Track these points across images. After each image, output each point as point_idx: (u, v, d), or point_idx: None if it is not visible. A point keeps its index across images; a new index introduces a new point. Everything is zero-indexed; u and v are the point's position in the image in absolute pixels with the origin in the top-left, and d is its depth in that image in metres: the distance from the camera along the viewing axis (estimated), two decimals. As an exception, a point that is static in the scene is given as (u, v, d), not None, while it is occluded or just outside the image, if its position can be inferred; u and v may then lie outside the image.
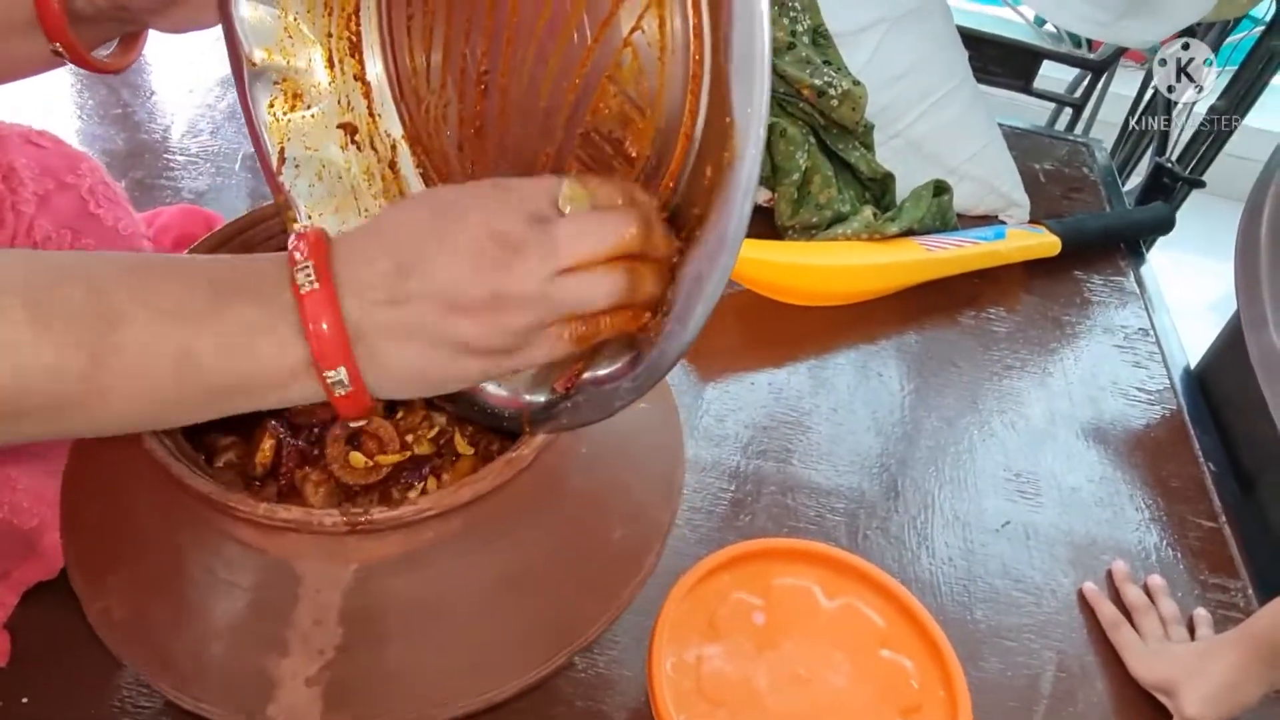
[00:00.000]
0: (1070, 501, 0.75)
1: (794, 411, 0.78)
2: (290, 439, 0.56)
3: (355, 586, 0.42)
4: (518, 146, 0.45)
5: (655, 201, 0.38)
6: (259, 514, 0.40)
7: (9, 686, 0.54)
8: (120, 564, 0.45)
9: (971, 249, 0.89)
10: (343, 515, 0.40)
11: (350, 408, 0.36)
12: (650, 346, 0.38)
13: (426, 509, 0.41)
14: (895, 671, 0.54)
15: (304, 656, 0.41)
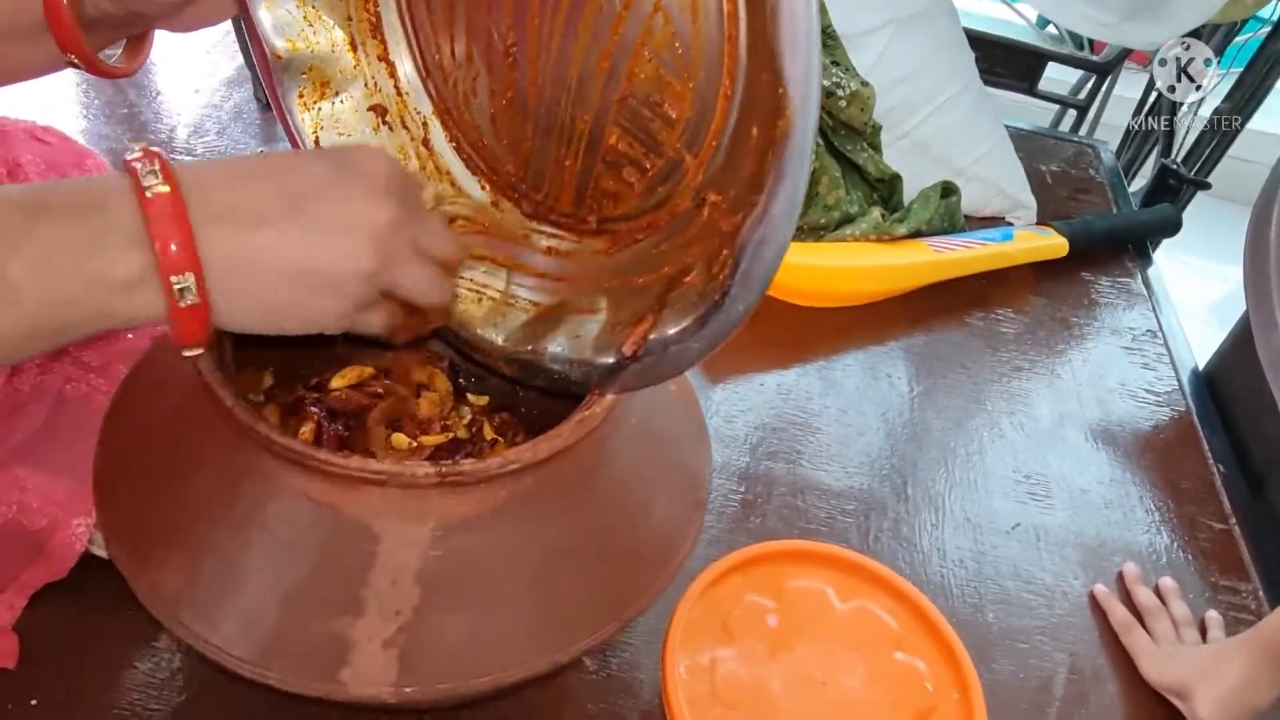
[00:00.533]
0: (1080, 503, 0.74)
1: (803, 413, 0.78)
2: (329, 423, 0.56)
3: (432, 546, 0.42)
4: (552, 115, 0.45)
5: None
6: (350, 467, 0.39)
7: (17, 689, 0.53)
8: (169, 535, 0.44)
9: (980, 250, 0.89)
10: (434, 466, 0.40)
11: (189, 327, 0.35)
12: (717, 307, 0.39)
13: (512, 461, 0.41)
14: (909, 674, 0.54)
15: (380, 617, 0.41)
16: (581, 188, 0.48)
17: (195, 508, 0.44)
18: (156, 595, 0.43)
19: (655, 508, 0.48)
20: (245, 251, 0.34)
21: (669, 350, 0.42)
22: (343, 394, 0.57)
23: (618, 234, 0.48)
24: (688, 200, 0.43)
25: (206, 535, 0.43)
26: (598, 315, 0.47)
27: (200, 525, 0.43)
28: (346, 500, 0.41)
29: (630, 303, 0.45)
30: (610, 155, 0.45)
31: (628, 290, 0.46)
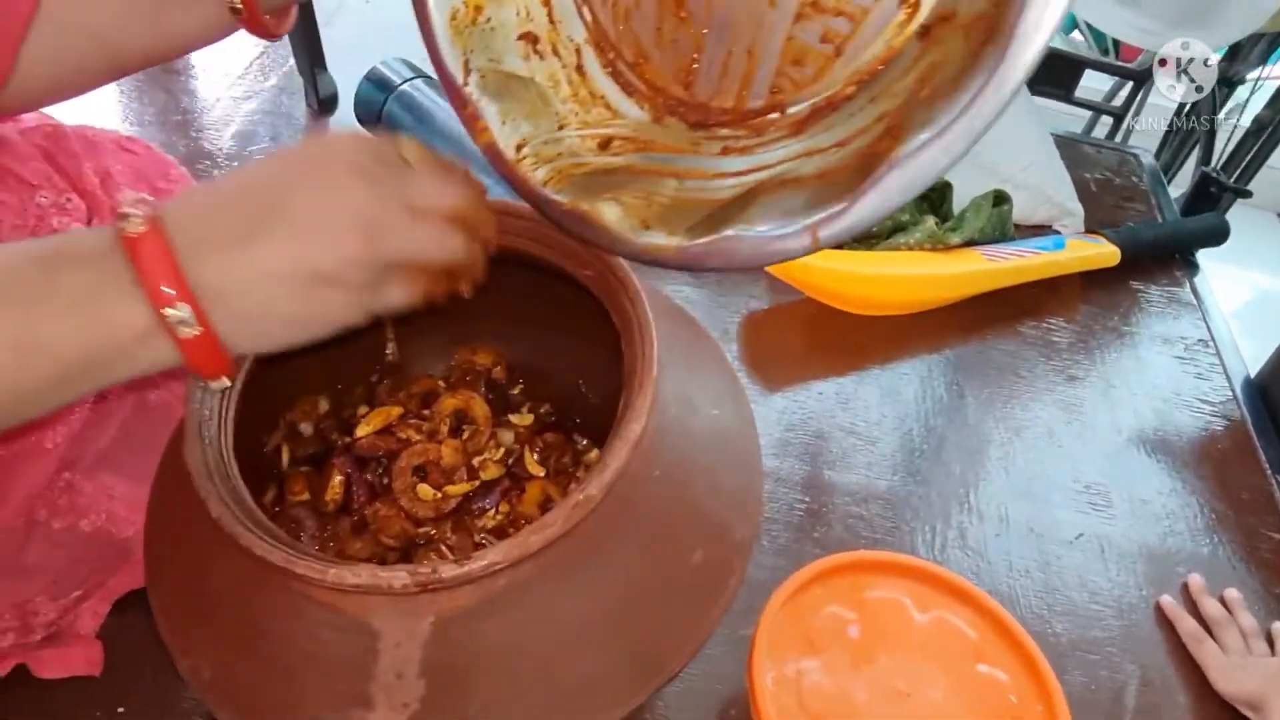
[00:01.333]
0: (1141, 513, 0.74)
1: (863, 421, 0.78)
2: (358, 473, 0.56)
3: (433, 638, 0.42)
4: (728, 13, 0.43)
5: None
6: (328, 580, 0.39)
7: (104, 696, 0.54)
8: (203, 623, 0.45)
9: (1033, 259, 0.89)
10: (411, 577, 0.39)
11: (204, 359, 0.35)
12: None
13: (496, 562, 0.40)
14: (992, 686, 0.54)
15: (389, 710, 0.41)
16: (762, 76, 0.45)
17: (219, 599, 0.45)
18: (198, 680, 0.44)
19: (689, 560, 0.46)
20: (235, 272, 0.34)
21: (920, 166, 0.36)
22: (369, 441, 0.58)
23: (810, 113, 0.44)
24: (904, 38, 0.40)
25: (231, 628, 0.44)
26: (799, 190, 0.42)
27: (224, 617, 0.44)
28: (343, 601, 0.42)
29: (839, 161, 0.40)
30: (803, 24, 0.42)
31: (831, 155, 0.41)
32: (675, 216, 0.45)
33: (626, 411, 0.45)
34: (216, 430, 0.46)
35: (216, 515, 0.41)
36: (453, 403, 0.60)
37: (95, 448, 0.55)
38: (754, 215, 0.41)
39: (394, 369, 0.64)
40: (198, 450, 0.44)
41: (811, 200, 0.40)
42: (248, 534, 0.40)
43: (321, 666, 0.42)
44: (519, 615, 0.42)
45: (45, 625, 0.53)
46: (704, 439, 0.51)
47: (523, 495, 0.58)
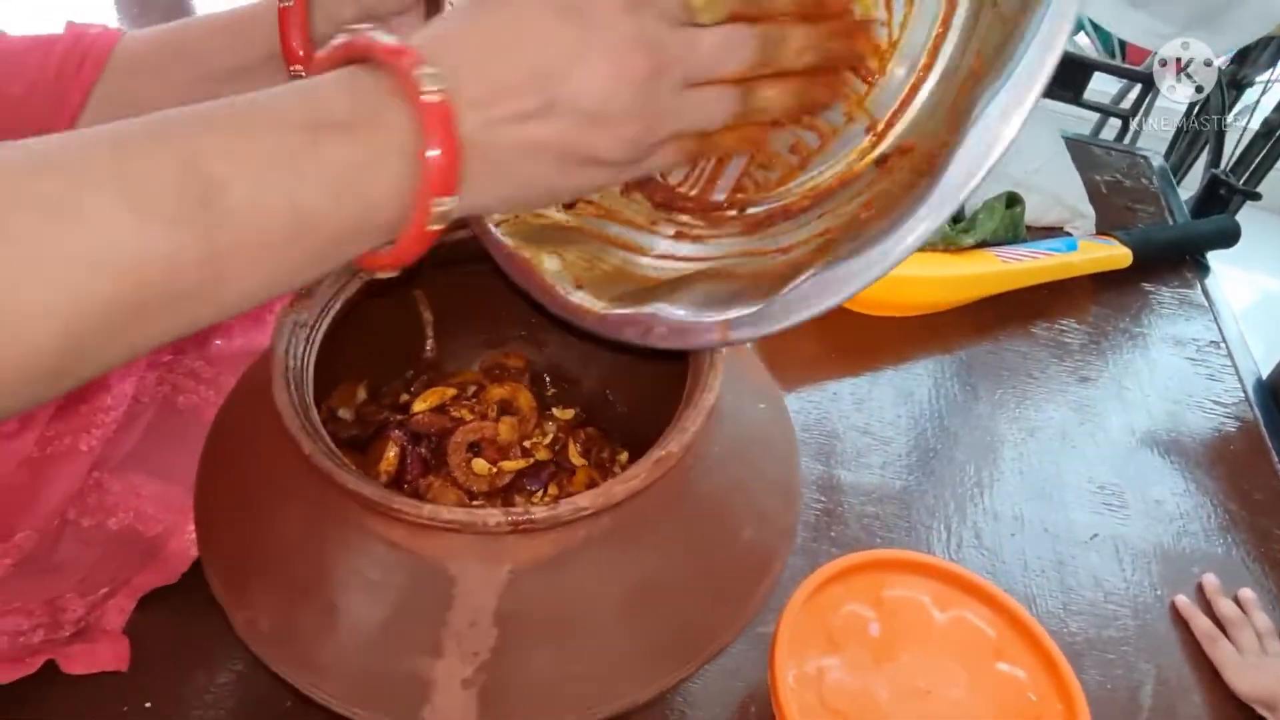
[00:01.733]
0: (1155, 514, 0.75)
1: (877, 422, 0.79)
2: (413, 447, 0.56)
3: (510, 587, 0.42)
4: None
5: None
6: (423, 515, 0.40)
7: (131, 692, 0.54)
8: (264, 572, 0.45)
9: (1045, 260, 0.89)
10: (505, 515, 0.40)
11: (417, 249, 0.32)
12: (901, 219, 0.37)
13: (585, 507, 0.41)
14: (1011, 684, 0.54)
15: (459, 658, 0.41)
16: (730, 173, 0.46)
17: (285, 547, 0.45)
18: (253, 632, 0.44)
19: (739, 536, 0.48)
20: (504, 154, 0.32)
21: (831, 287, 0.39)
22: (425, 417, 0.58)
23: (764, 216, 0.46)
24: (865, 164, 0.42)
25: (296, 576, 0.44)
26: (730, 283, 0.44)
27: (290, 565, 0.45)
28: (423, 544, 0.42)
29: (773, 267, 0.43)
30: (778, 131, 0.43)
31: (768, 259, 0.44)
32: (609, 284, 0.48)
33: (697, 384, 0.47)
34: (301, 375, 0.47)
35: (309, 451, 0.41)
36: (499, 392, 0.61)
37: (124, 449, 0.55)
38: (678, 298, 0.44)
39: (430, 365, 0.64)
40: (286, 393, 0.44)
41: (735, 296, 0.43)
42: (339, 469, 0.41)
43: (392, 612, 0.42)
44: (589, 572, 0.43)
45: (74, 622, 0.53)
46: (752, 429, 0.53)
47: (572, 477, 0.59)
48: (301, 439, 0.42)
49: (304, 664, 0.43)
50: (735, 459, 0.50)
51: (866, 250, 0.38)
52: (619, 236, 0.50)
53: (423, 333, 0.63)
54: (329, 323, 0.50)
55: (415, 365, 0.63)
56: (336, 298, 0.51)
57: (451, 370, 0.64)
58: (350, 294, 0.52)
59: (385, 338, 0.60)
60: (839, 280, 0.39)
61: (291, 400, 0.44)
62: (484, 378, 0.63)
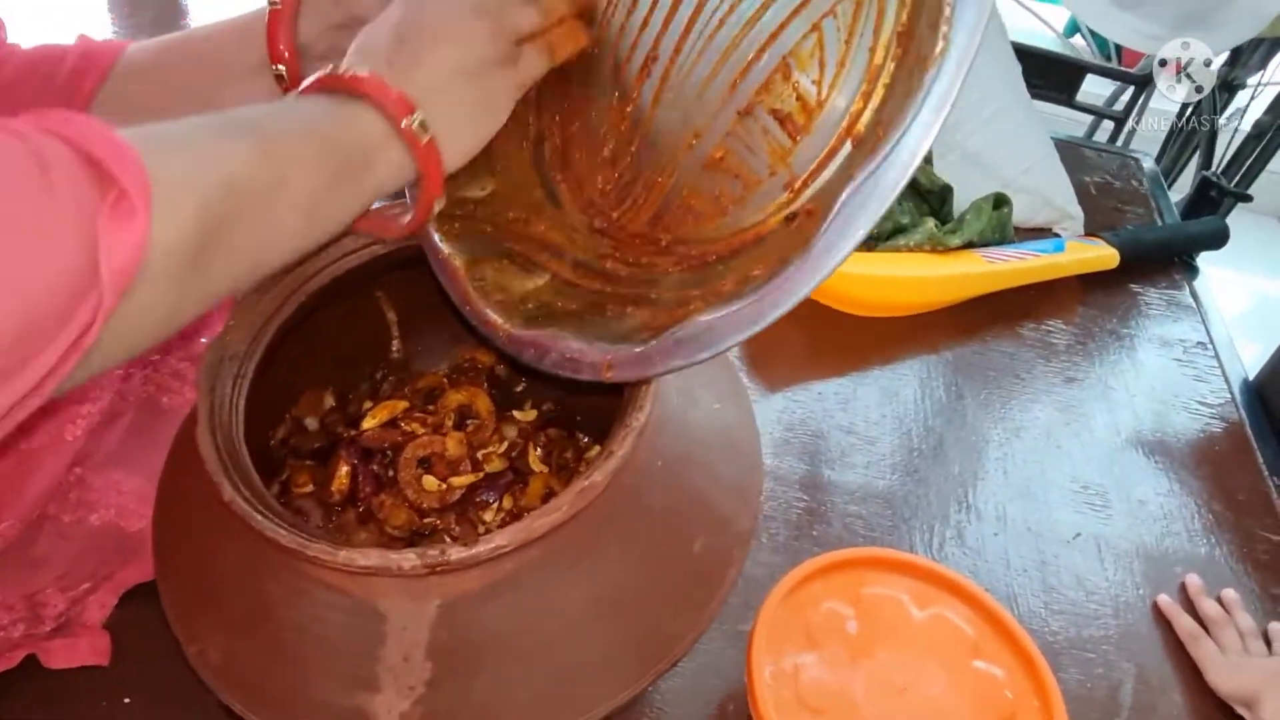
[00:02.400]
0: (1139, 514, 0.75)
1: (862, 421, 0.79)
2: (364, 464, 0.57)
3: (440, 621, 0.42)
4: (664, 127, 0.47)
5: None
6: (339, 561, 0.40)
7: (111, 687, 0.55)
8: (211, 608, 0.46)
9: (1032, 261, 0.89)
10: (420, 559, 0.40)
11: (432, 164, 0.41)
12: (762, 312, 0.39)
13: (503, 545, 0.41)
14: (988, 682, 0.54)
15: (395, 693, 0.42)
16: (665, 206, 0.49)
17: (227, 583, 0.45)
18: (204, 664, 0.45)
19: (690, 548, 0.48)
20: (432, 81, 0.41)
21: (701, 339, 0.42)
22: (374, 433, 0.59)
23: (686, 256, 0.48)
24: (777, 219, 0.44)
25: (238, 612, 0.45)
26: (631, 319, 0.47)
27: (232, 601, 0.45)
28: (351, 584, 0.43)
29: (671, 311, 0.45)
30: (709, 172, 0.46)
31: (675, 302, 0.46)
32: (523, 304, 0.50)
33: (630, 401, 0.46)
34: (229, 417, 0.47)
35: (229, 499, 0.42)
36: (457, 398, 0.61)
37: (106, 447, 0.56)
38: (577, 327, 0.46)
39: (398, 366, 0.64)
40: (210, 436, 0.44)
41: (631, 331, 0.45)
42: (259, 517, 0.41)
43: (329, 649, 0.43)
44: (525, 599, 0.43)
45: (54, 616, 0.54)
46: (705, 432, 0.52)
47: (525, 489, 0.59)
48: (222, 485, 0.42)
49: (252, 698, 0.43)
50: (685, 467, 0.50)
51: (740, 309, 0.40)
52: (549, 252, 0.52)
53: (388, 333, 0.63)
54: (264, 348, 0.50)
55: (383, 366, 0.63)
56: (268, 326, 0.51)
57: (421, 368, 0.64)
58: (285, 317, 0.52)
59: (350, 341, 0.61)
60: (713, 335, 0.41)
61: (215, 443, 0.44)
62: (445, 381, 0.63)
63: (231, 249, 0.35)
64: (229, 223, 0.34)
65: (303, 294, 0.53)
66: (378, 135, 0.40)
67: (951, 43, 0.34)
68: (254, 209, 0.35)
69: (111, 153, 0.30)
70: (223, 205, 0.34)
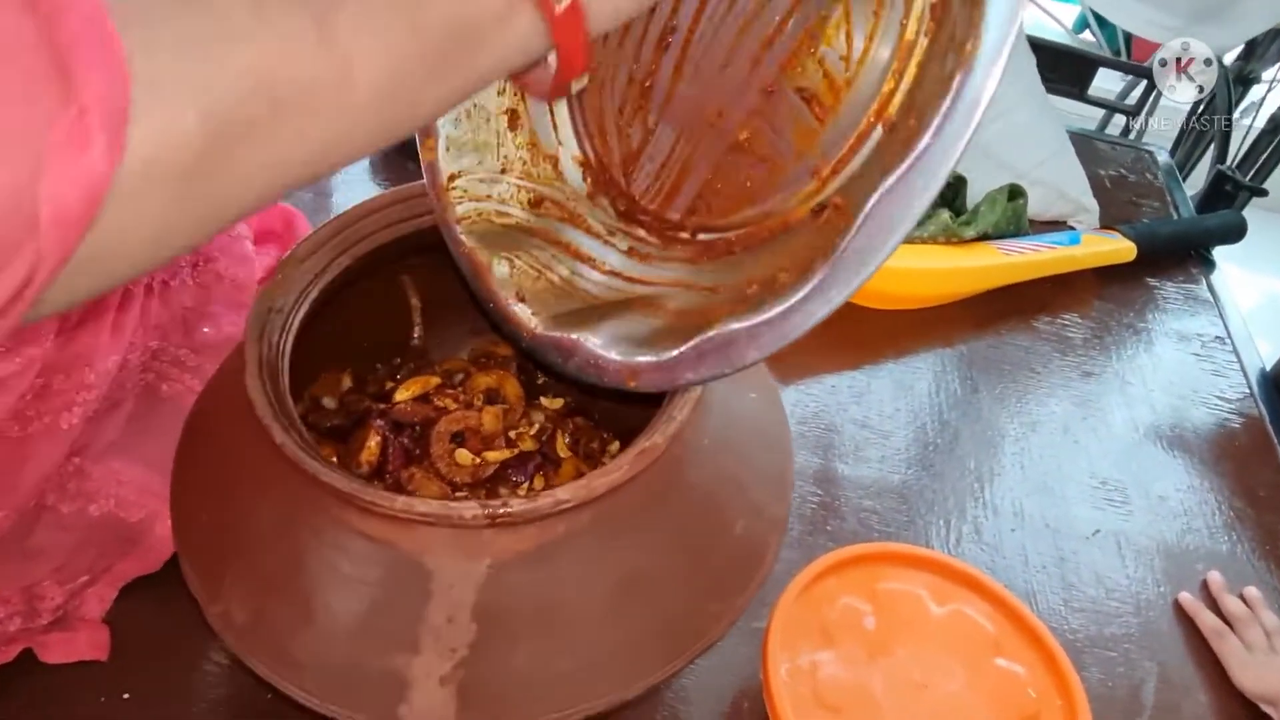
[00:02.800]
0: (1159, 510, 0.73)
1: (876, 415, 0.77)
2: (395, 437, 0.55)
3: (488, 582, 0.41)
4: (685, 104, 0.45)
5: None
6: (396, 507, 0.39)
7: (110, 681, 0.53)
8: (238, 565, 0.44)
9: (1048, 254, 0.88)
10: (482, 508, 0.39)
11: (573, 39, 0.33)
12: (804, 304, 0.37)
13: (565, 500, 0.40)
14: (1010, 680, 0.53)
15: (436, 655, 0.40)
16: (689, 189, 0.47)
17: (259, 539, 0.44)
18: (227, 625, 0.43)
19: (731, 529, 0.47)
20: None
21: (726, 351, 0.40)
22: (407, 406, 0.57)
23: (712, 245, 0.47)
24: (805, 209, 0.43)
25: (270, 568, 0.43)
26: (656, 318, 0.45)
27: (264, 558, 0.43)
28: (398, 538, 0.41)
29: (698, 309, 0.44)
30: (734, 155, 0.45)
31: (700, 297, 0.45)
32: (550, 300, 0.48)
33: None
34: (277, 365, 0.45)
35: (280, 442, 0.40)
36: (486, 380, 0.60)
37: (105, 436, 0.54)
38: (605, 328, 0.45)
39: (417, 354, 0.63)
40: (259, 380, 0.43)
41: (655, 336, 0.43)
42: (311, 460, 0.40)
43: (368, 607, 0.41)
44: (572, 566, 0.42)
45: (52, 610, 0.52)
46: (744, 418, 0.52)
47: (558, 470, 0.58)
48: (274, 429, 0.41)
49: (278, 659, 0.41)
50: (726, 450, 0.49)
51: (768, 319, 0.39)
52: (574, 244, 0.50)
53: (410, 319, 0.61)
54: (307, 308, 0.49)
55: (402, 353, 0.62)
56: (315, 283, 0.50)
57: (438, 358, 0.63)
58: (331, 278, 0.50)
59: (371, 324, 0.59)
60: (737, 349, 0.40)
61: (265, 389, 0.43)
62: (470, 365, 0.62)
63: (256, 160, 0.28)
64: (255, 130, 0.27)
65: (350, 256, 0.51)
66: (498, 6, 0.32)
67: (989, 15, 0.32)
68: (297, 112, 0.28)
69: (85, 43, 0.23)
70: (245, 110, 0.26)
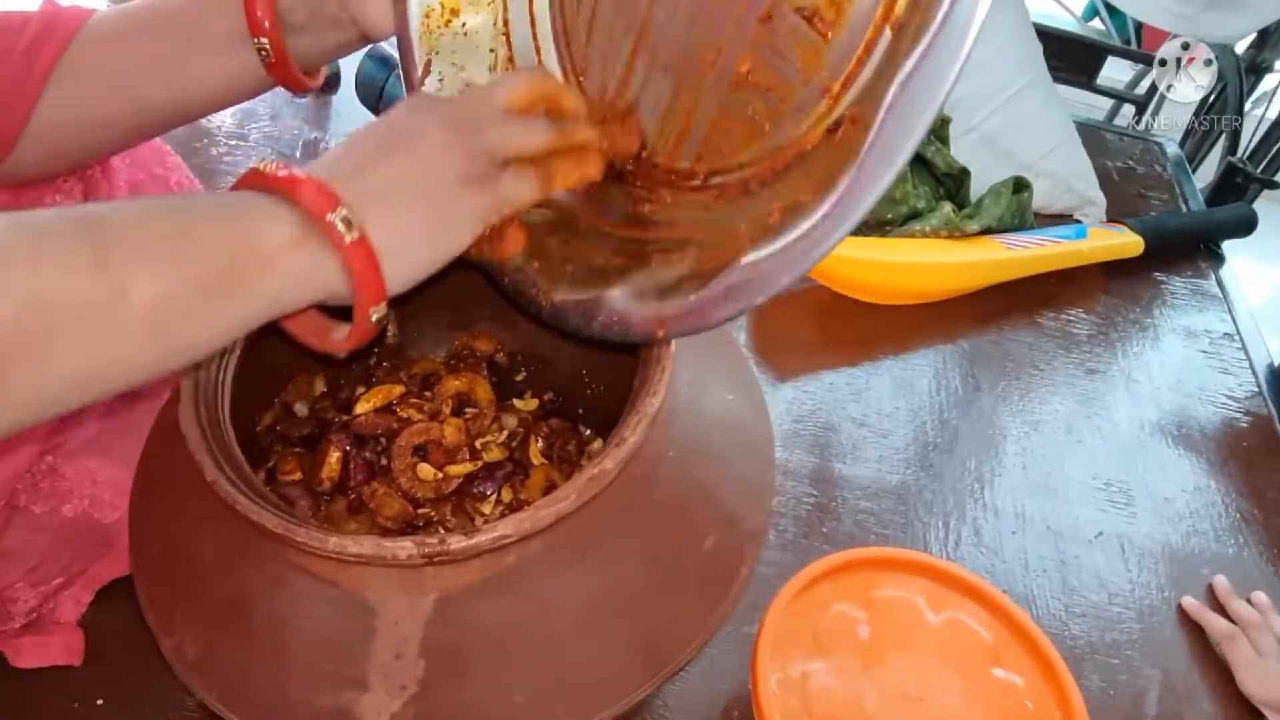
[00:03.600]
0: (1164, 512, 0.72)
1: (875, 413, 0.76)
2: (357, 451, 0.54)
3: (435, 617, 0.39)
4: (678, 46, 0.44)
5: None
6: (329, 549, 0.37)
7: (83, 687, 0.52)
8: (188, 599, 0.42)
9: (1053, 248, 0.86)
10: (417, 547, 0.37)
11: (363, 267, 0.36)
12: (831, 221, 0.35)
13: (506, 535, 0.38)
14: (1008, 691, 0.51)
15: (386, 693, 0.39)
16: (696, 135, 0.45)
17: (207, 573, 0.42)
18: (181, 659, 0.41)
19: (701, 546, 0.45)
20: (376, 188, 0.36)
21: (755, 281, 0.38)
22: (368, 419, 0.55)
23: (725, 188, 0.44)
24: (819, 132, 0.40)
25: (219, 602, 0.42)
26: (679, 265, 0.43)
27: (212, 592, 0.42)
28: (340, 574, 0.40)
29: (717, 252, 0.42)
30: (738, 89, 0.42)
31: (723, 236, 0.43)
32: (564, 267, 0.47)
33: (643, 387, 0.43)
34: (214, 394, 0.44)
35: (211, 479, 0.39)
36: (456, 384, 0.58)
37: (79, 436, 0.53)
38: (624, 284, 0.44)
39: (393, 352, 0.61)
40: (193, 412, 0.42)
41: (680, 282, 0.42)
42: (244, 500, 0.38)
43: (314, 645, 0.40)
44: (525, 596, 0.40)
45: (24, 613, 0.51)
46: (717, 424, 0.50)
47: (526, 480, 0.56)
48: (205, 465, 0.39)
49: (231, 695, 0.40)
50: (697, 460, 0.47)
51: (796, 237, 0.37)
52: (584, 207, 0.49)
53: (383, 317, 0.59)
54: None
55: (377, 351, 0.60)
56: None
57: (415, 356, 0.61)
58: None
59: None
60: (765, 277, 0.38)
61: (199, 420, 0.41)
62: (442, 368, 0.60)
63: (32, 377, 0.30)
64: (31, 349, 0.29)
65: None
66: (283, 236, 0.34)
67: None
68: (73, 333, 0.30)
69: None
70: (21, 329, 0.29)
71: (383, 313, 0.38)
